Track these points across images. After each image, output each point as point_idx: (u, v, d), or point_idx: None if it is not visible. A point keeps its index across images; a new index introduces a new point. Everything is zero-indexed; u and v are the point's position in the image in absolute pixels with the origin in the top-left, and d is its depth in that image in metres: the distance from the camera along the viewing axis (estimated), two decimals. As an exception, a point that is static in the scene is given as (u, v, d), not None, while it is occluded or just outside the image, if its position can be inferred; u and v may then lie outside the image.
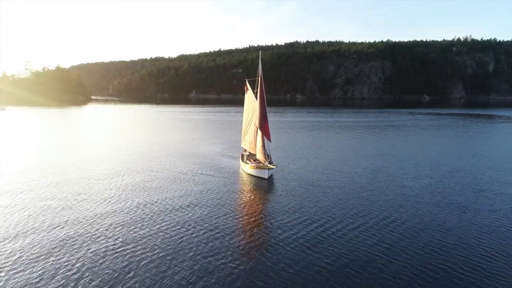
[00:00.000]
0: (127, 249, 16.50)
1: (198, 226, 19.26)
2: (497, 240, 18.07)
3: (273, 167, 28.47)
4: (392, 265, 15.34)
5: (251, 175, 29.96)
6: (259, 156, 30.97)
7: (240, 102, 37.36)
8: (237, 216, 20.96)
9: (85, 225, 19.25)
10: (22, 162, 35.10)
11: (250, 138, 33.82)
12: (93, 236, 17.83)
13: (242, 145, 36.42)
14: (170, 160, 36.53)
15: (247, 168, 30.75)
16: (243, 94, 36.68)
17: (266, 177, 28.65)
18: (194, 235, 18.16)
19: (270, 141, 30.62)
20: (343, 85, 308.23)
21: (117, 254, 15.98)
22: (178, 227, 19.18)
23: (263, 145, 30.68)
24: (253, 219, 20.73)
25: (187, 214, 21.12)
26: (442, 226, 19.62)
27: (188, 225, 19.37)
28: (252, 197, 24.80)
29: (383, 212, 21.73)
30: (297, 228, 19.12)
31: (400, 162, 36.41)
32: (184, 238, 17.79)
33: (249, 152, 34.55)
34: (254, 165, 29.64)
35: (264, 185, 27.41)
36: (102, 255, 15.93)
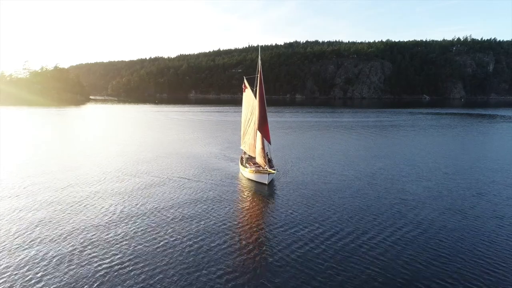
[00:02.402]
0: (122, 257, 15.69)
1: (193, 235, 18.38)
2: (500, 248, 17.22)
3: (273, 172, 26.97)
4: (391, 275, 14.54)
5: (251, 180, 28.59)
6: (259, 159, 29.49)
7: (239, 102, 36.11)
8: (235, 225, 20.03)
9: (78, 233, 18.43)
10: (13, 165, 34.26)
11: (250, 140, 32.38)
12: (85, 243, 17.01)
13: (242, 147, 34.94)
14: (166, 163, 35.51)
15: (246, 173, 29.25)
16: (242, 93, 35.02)
17: (267, 183, 27.23)
18: (189, 244, 17.30)
19: (270, 143, 29.27)
20: (343, 85, 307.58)
21: (111, 264, 15.15)
22: (173, 236, 18.31)
23: (263, 148, 29.27)
24: (251, 228, 19.85)
25: (183, 222, 20.21)
26: (442, 233, 18.77)
27: (184, 234, 18.49)
28: (251, 204, 23.71)
29: (385, 219, 20.90)
30: (298, 237, 18.27)
31: (401, 164, 35.61)
32: (180, 247, 16.93)
33: (249, 155, 32.98)
34: (254, 169, 28.19)
35: (264, 191, 26.20)
36: (92, 263, 15.12)
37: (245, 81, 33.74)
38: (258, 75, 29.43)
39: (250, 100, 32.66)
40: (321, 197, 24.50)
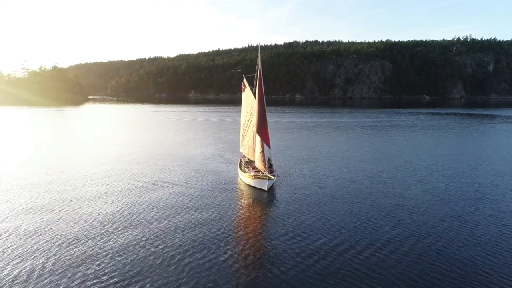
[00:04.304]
0: (115, 270, 15.15)
1: (188, 245, 17.74)
2: (502, 257, 16.58)
3: (273, 178, 25.83)
4: (389, 285, 14.05)
5: (250, 185, 27.41)
6: (258, 164, 28.19)
7: (239, 102, 35.11)
8: (231, 235, 19.26)
9: (72, 236, 17.87)
10: (13, 165, 33.69)
11: (249, 143, 31.22)
12: (79, 248, 16.43)
13: (241, 150, 33.81)
14: (162, 166, 34.60)
15: (245, 178, 28.01)
16: (241, 93, 33.58)
17: (266, 189, 25.98)
18: (183, 254, 16.67)
19: (269, 147, 28.21)
20: (342, 85, 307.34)
21: (101, 276, 14.59)
22: (166, 244, 17.65)
23: (263, 152, 28.00)
24: (248, 238, 19.15)
25: (176, 230, 19.50)
26: (442, 241, 18.15)
27: (178, 243, 17.83)
28: (249, 212, 22.76)
29: (384, 226, 20.29)
30: (298, 247, 17.64)
31: (400, 167, 34.95)
32: (173, 256, 16.30)
33: (248, 159, 31.94)
34: (253, 174, 27.00)
35: (264, 198, 25.16)
36: (87, 269, 14.59)
37: (244, 80, 32.15)
38: (258, 74, 28.04)
39: (249, 101, 31.25)
40: (322, 205, 23.78)
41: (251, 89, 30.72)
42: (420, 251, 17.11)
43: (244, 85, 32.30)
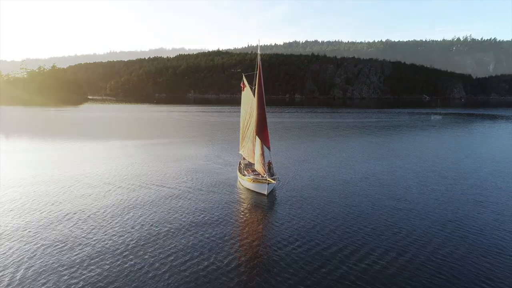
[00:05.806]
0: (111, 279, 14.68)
1: (183, 252, 17.16)
2: (502, 259, 16.10)
3: (273, 181, 24.99)
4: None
5: (249, 189, 26.50)
6: (258, 166, 27.31)
7: (239, 102, 34.46)
8: (230, 242, 18.62)
9: (68, 243, 17.38)
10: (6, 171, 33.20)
11: (249, 144, 30.36)
12: (78, 256, 15.95)
13: (241, 152, 32.93)
14: (157, 169, 33.75)
15: (244, 181, 27.07)
16: (240, 92, 32.39)
17: (266, 193, 24.97)
18: (180, 261, 16.11)
19: (269, 149, 27.24)
20: (342, 85, 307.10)
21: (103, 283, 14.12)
22: (161, 252, 17.08)
23: (262, 154, 27.13)
24: (248, 245, 18.52)
25: (172, 236, 18.93)
26: (440, 246, 17.58)
27: (173, 250, 17.25)
28: (249, 219, 21.83)
29: (386, 232, 19.76)
30: (299, 255, 17.08)
31: (399, 169, 34.43)
32: (169, 264, 15.74)
33: (248, 161, 31.00)
34: (252, 178, 26.09)
35: (263, 203, 24.28)
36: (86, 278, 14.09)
37: (244, 78, 31.08)
38: (258, 72, 27.00)
39: (249, 100, 30.25)
40: (324, 209, 23.11)
41: (251, 88, 29.66)
42: (421, 254, 16.58)
43: (243, 83, 31.22)
